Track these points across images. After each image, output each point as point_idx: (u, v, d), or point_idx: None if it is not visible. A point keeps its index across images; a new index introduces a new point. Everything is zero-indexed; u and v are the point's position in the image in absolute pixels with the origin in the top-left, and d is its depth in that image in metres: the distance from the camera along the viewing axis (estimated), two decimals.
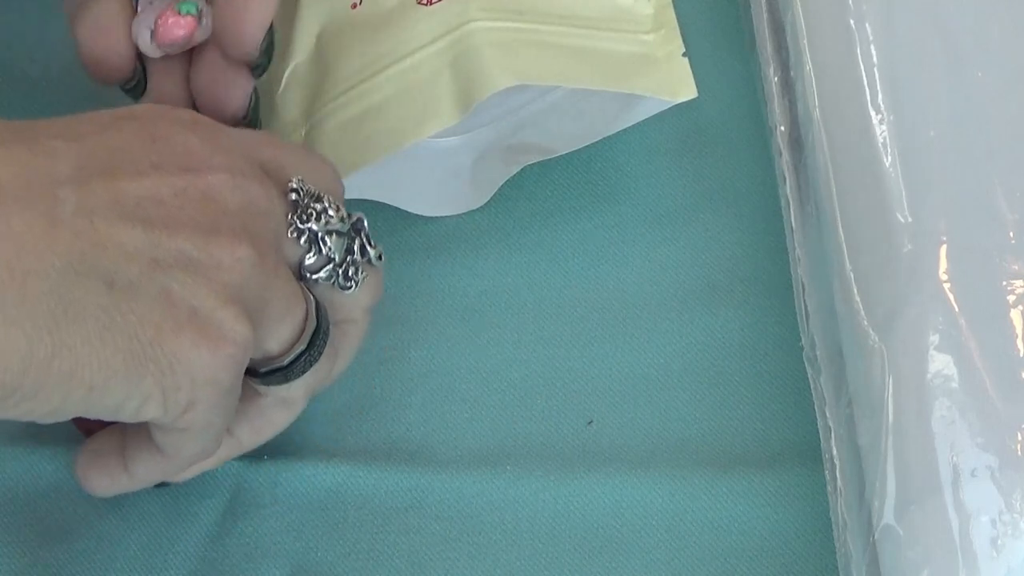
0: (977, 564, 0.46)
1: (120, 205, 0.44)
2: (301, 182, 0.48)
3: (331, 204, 0.49)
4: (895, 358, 0.50)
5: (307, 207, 0.48)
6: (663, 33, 0.59)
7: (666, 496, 0.52)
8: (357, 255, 0.50)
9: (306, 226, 0.48)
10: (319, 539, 0.52)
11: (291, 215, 0.48)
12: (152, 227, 0.44)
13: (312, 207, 0.48)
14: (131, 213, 0.44)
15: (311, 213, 0.48)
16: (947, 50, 0.54)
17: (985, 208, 0.51)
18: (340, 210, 0.49)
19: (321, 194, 0.49)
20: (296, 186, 0.48)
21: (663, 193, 0.59)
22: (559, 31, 0.57)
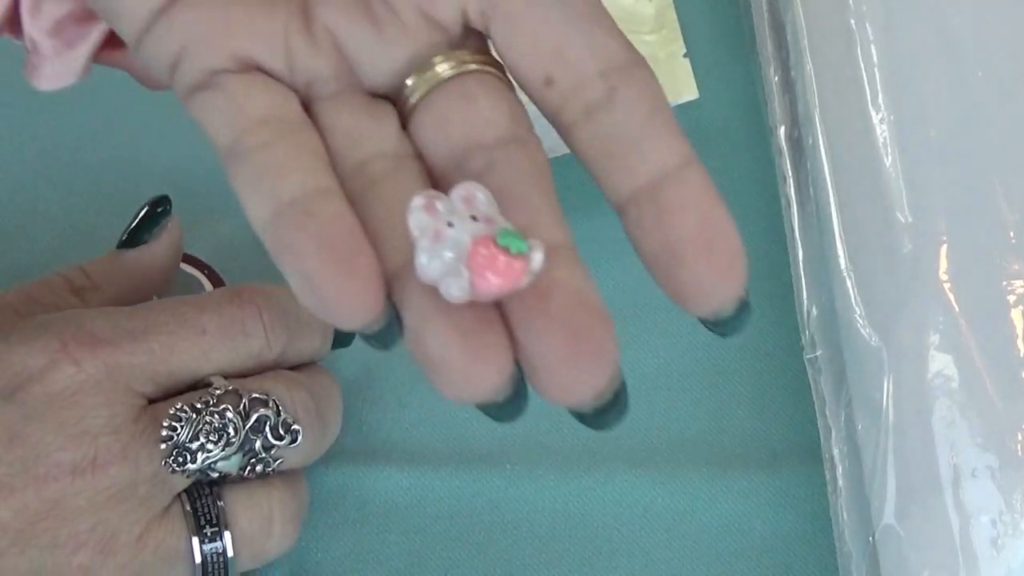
0: (977, 564, 0.46)
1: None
2: (176, 420, 0.46)
3: (211, 435, 0.47)
4: (895, 358, 0.50)
5: (182, 451, 0.46)
6: (664, 34, 0.59)
7: (666, 496, 0.53)
8: (262, 453, 0.48)
9: (183, 468, 0.47)
10: (319, 539, 0.52)
11: (165, 461, 0.46)
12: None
13: (186, 450, 0.46)
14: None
15: (185, 457, 0.47)
16: (947, 50, 0.54)
17: (985, 208, 0.51)
18: (224, 437, 0.47)
19: (201, 427, 0.46)
20: (167, 433, 0.46)
21: None
22: None
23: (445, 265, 0.35)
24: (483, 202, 0.36)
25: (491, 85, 0.40)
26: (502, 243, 0.35)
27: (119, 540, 0.46)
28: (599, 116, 0.38)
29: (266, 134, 0.38)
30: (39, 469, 0.45)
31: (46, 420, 0.45)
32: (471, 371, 0.35)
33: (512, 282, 0.35)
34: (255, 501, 0.48)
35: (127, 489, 0.46)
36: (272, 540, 0.48)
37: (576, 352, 0.35)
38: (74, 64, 0.45)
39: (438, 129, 0.39)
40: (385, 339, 0.37)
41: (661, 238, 0.37)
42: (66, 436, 0.45)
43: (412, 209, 0.36)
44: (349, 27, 0.40)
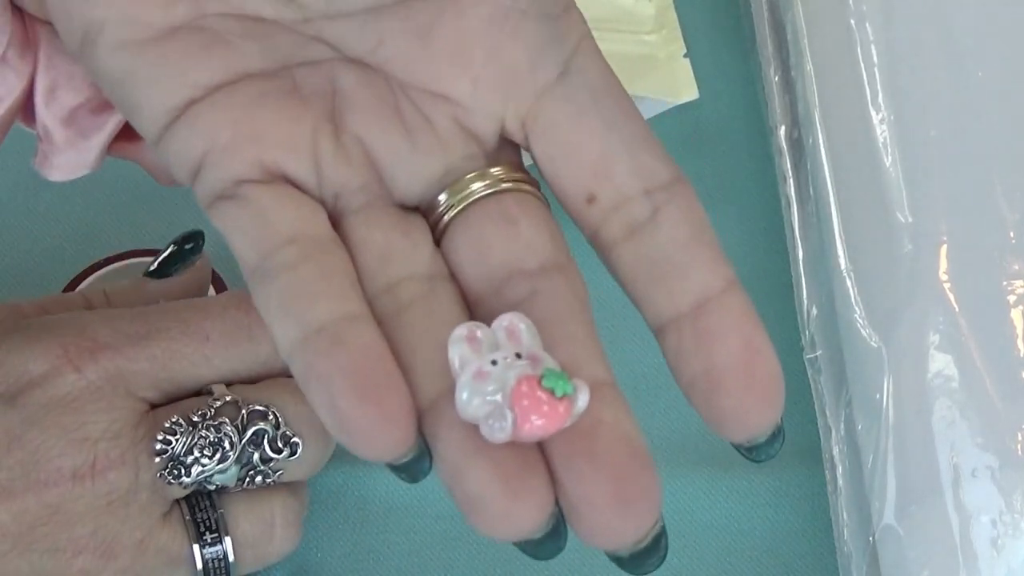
0: (977, 564, 0.46)
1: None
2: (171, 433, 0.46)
3: (206, 450, 0.46)
4: (895, 358, 0.50)
5: (176, 464, 0.46)
6: (664, 34, 0.59)
7: (666, 496, 0.52)
8: (260, 465, 0.47)
9: (178, 480, 0.46)
10: (319, 539, 0.52)
11: (159, 473, 0.46)
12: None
13: (181, 463, 0.46)
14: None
15: (180, 470, 0.46)
16: (947, 50, 0.54)
17: (985, 208, 0.51)
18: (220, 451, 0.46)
19: (196, 441, 0.46)
20: (161, 447, 0.46)
21: None
22: None
23: (488, 405, 0.34)
24: (526, 335, 0.36)
25: (530, 206, 0.38)
26: (547, 385, 0.34)
27: (119, 544, 0.46)
28: (642, 236, 0.37)
29: (294, 254, 0.36)
30: (39, 474, 0.45)
31: (47, 425, 0.45)
32: (512, 512, 0.34)
33: (556, 426, 0.34)
34: (256, 506, 0.48)
35: (127, 495, 0.46)
36: (274, 544, 0.48)
37: (621, 498, 0.34)
38: (87, 155, 0.44)
39: (476, 251, 0.38)
40: (414, 472, 0.36)
41: (703, 364, 0.36)
42: (66, 441, 0.45)
43: (454, 340, 0.35)
44: (381, 136, 0.38)
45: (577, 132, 0.38)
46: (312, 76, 0.39)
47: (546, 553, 0.36)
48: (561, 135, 0.38)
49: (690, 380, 0.37)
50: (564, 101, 0.38)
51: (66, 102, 0.43)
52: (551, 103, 0.38)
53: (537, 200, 0.39)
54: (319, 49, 0.39)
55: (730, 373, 0.36)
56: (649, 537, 0.36)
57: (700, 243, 0.37)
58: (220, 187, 0.38)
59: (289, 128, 0.38)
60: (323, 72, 0.39)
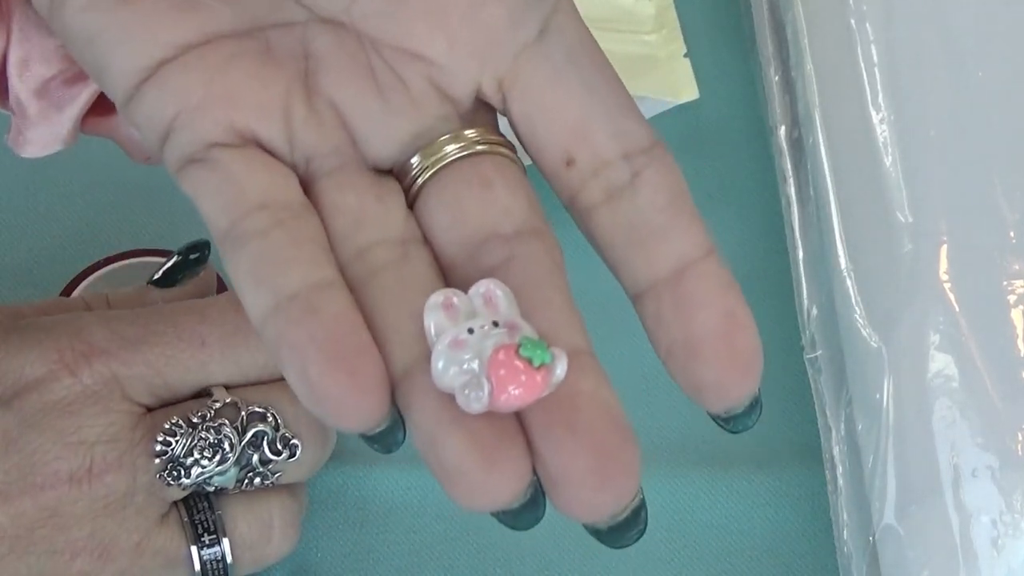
0: (978, 564, 0.46)
1: None
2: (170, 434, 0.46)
3: (206, 451, 0.46)
4: (895, 358, 0.50)
5: (176, 465, 0.46)
6: (664, 33, 0.59)
7: (666, 496, 0.52)
8: (259, 467, 0.47)
9: (178, 481, 0.46)
10: (319, 539, 0.52)
11: (159, 474, 0.46)
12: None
13: (180, 464, 0.46)
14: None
15: (179, 471, 0.46)
16: (947, 50, 0.54)
17: (986, 208, 0.51)
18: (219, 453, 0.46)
19: (196, 442, 0.46)
20: (161, 448, 0.46)
21: None
22: None
23: (464, 374, 0.34)
24: (503, 302, 0.35)
25: (507, 169, 0.38)
26: (525, 354, 0.33)
27: (117, 547, 0.46)
28: (620, 201, 0.37)
29: (265, 220, 0.36)
30: (36, 477, 0.45)
31: (43, 429, 0.45)
32: (488, 482, 0.34)
33: (534, 396, 0.34)
34: (254, 507, 0.48)
35: (124, 497, 0.46)
36: (272, 545, 0.48)
37: (602, 471, 0.34)
38: (60, 129, 0.44)
39: (451, 215, 0.37)
40: (387, 442, 0.35)
41: (681, 332, 0.36)
42: (63, 445, 0.45)
43: (430, 307, 0.35)
44: (353, 97, 0.38)
45: (556, 94, 0.37)
46: (285, 37, 0.38)
47: (524, 523, 0.35)
48: (540, 97, 0.38)
49: (668, 348, 0.36)
50: (543, 62, 0.38)
51: (39, 74, 0.43)
52: (529, 64, 0.38)
53: (513, 164, 0.38)
54: (293, 9, 0.39)
55: (710, 342, 0.36)
56: (628, 510, 0.35)
57: (679, 209, 0.37)
58: (190, 150, 0.37)
59: (261, 91, 0.37)
60: (296, 34, 0.38)
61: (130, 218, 0.59)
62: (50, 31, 0.40)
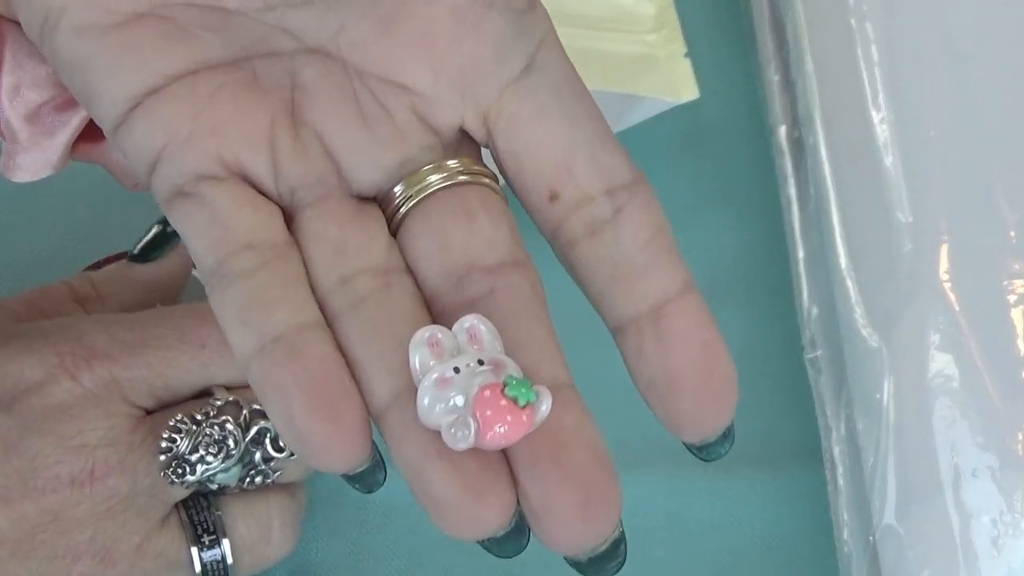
0: (978, 564, 0.46)
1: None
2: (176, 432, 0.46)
3: (211, 447, 0.46)
4: (895, 358, 0.50)
5: (181, 463, 0.46)
6: (665, 33, 0.59)
7: (666, 496, 0.52)
8: (262, 465, 0.47)
9: (182, 479, 0.46)
10: (319, 539, 0.52)
11: (164, 472, 0.46)
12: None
13: (185, 461, 0.46)
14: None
15: (184, 468, 0.46)
16: (947, 50, 0.54)
17: (986, 208, 0.51)
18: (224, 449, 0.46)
19: (201, 439, 0.46)
20: (166, 445, 0.46)
21: (663, 193, 0.59)
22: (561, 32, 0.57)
23: (450, 413, 0.34)
24: (487, 337, 0.35)
25: (490, 200, 0.38)
26: (510, 394, 0.34)
27: (118, 550, 0.46)
28: (603, 236, 0.37)
29: (251, 260, 0.36)
30: (37, 481, 0.45)
31: (44, 433, 0.45)
32: (475, 513, 0.34)
33: (519, 434, 0.34)
34: (253, 508, 0.48)
35: (125, 500, 0.46)
36: (272, 546, 0.48)
37: (585, 507, 0.34)
38: (51, 154, 0.44)
39: (434, 245, 0.37)
40: (369, 483, 0.36)
41: (661, 366, 0.36)
42: (64, 448, 0.45)
43: (415, 344, 0.35)
44: (338, 126, 0.38)
45: (540, 129, 0.38)
46: (272, 68, 0.39)
47: (508, 551, 0.36)
48: (524, 132, 0.38)
49: (649, 381, 0.37)
50: (528, 97, 0.38)
51: (30, 100, 0.43)
52: (514, 99, 0.38)
53: (496, 195, 0.39)
54: (281, 39, 0.39)
55: (689, 375, 0.36)
56: (608, 542, 0.36)
57: (660, 245, 0.37)
58: (179, 181, 0.37)
59: (248, 122, 0.38)
60: (283, 64, 0.39)
61: (130, 218, 0.58)
62: (42, 57, 0.40)
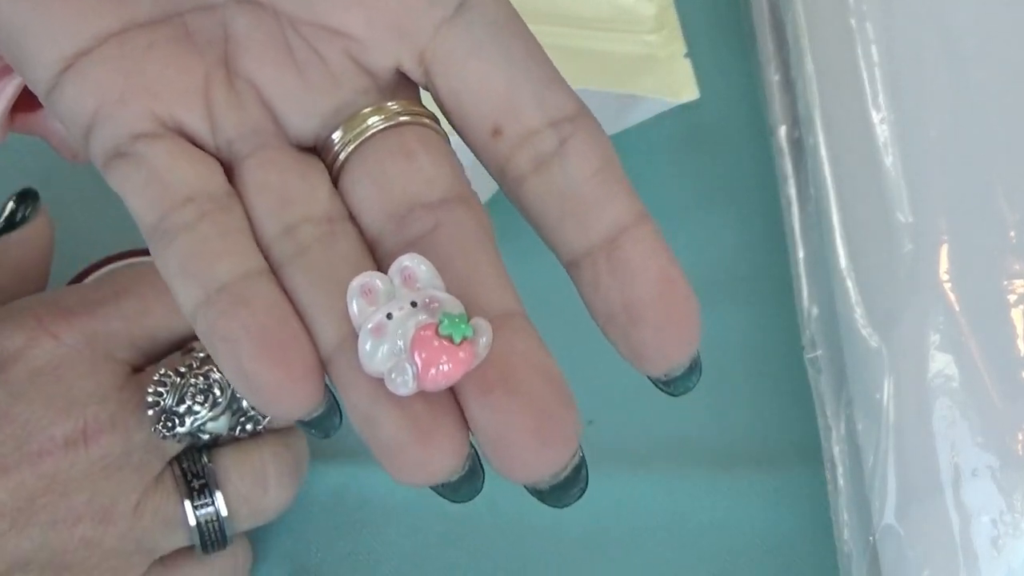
0: (978, 564, 0.46)
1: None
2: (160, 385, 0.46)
3: (197, 397, 0.46)
4: (895, 358, 0.50)
5: (170, 416, 0.46)
6: (665, 33, 0.59)
7: (666, 496, 0.52)
8: (251, 411, 0.47)
9: (173, 432, 0.46)
10: (319, 539, 0.52)
11: (154, 427, 0.46)
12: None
13: (174, 413, 0.46)
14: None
15: (173, 421, 0.46)
16: (947, 50, 0.54)
17: (986, 208, 0.51)
18: (211, 398, 0.46)
19: (187, 390, 0.46)
20: (152, 399, 0.46)
21: (663, 193, 0.59)
22: (561, 32, 0.57)
23: (389, 360, 0.34)
24: (424, 277, 0.35)
25: (429, 139, 0.38)
26: (445, 332, 0.33)
27: (117, 510, 0.46)
28: (550, 170, 0.37)
29: (191, 213, 0.36)
30: (32, 446, 0.45)
31: (32, 397, 0.45)
32: (425, 456, 0.34)
33: (459, 372, 0.34)
34: (246, 458, 0.47)
35: (120, 458, 0.46)
36: (269, 496, 0.48)
37: (541, 432, 0.34)
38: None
39: (375, 187, 0.37)
40: (325, 427, 0.36)
41: (619, 298, 0.36)
42: (55, 410, 0.45)
43: (350, 294, 0.35)
44: (273, 76, 0.38)
45: (478, 66, 0.37)
46: (203, 21, 0.38)
47: (463, 496, 0.36)
48: (462, 70, 0.37)
49: (608, 314, 0.36)
50: (463, 35, 0.38)
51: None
52: (450, 38, 0.38)
53: (437, 134, 0.38)
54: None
55: (649, 305, 0.35)
56: (569, 468, 0.35)
57: (609, 175, 0.36)
58: (114, 143, 0.37)
59: (181, 78, 0.37)
60: (215, 17, 0.38)
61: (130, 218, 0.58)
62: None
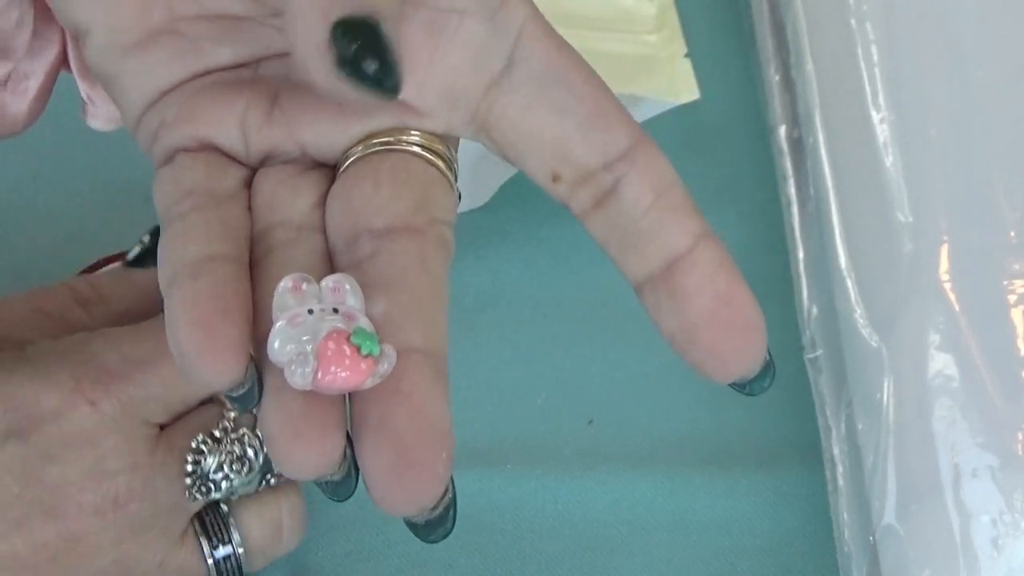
0: (978, 564, 0.46)
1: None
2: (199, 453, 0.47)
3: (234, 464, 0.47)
4: (895, 358, 0.50)
5: (205, 482, 0.47)
6: (665, 34, 0.59)
7: (666, 495, 0.52)
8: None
9: (207, 497, 0.47)
10: (319, 539, 0.52)
11: (189, 492, 0.47)
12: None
13: (211, 480, 0.47)
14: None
15: (209, 487, 0.47)
16: (947, 50, 0.54)
17: (986, 207, 0.51)
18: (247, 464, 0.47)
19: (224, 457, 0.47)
20: (192, 468, 0.47)
21: None
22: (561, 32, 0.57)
23: (294, 351, 0.35)
24: (349, 295, 0.36)
25: (405, 168, 0.39)
26: (355, 341, 0.35)
27: (141, 568, 0.46)
28: (607, 207, 0.39)
29: (187, 204, 0.38)
30: (59, 509, 0.45)
31: (65, 461, 0.45)
32: (293, 452, 0.35)
33: (355, 382, 0.35)
34: (265, 510, 0.48)
35: (148, 520, 0.46)
36: (282, 544, 0.49)
37: (400, 468, 0.35)
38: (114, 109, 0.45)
39: (339, 206, 0.39)
40: (245, 402, 0.37)
41: (677, 321, 0.38)
42: (86, 477, 0.45)
43: (279, 290, 0.36)
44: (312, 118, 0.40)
45: (530, 122, 0.39)
46: (277, 65, 0.40)
47: (338, 496, 0.37)
48: (514, 127, 0.39)
49: (669, 335, 0.38)
50: (512, 94, 0.39)
51: None
52: (500, 98, 0.39)
53: (424, 163, 0.39)
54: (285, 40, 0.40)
55: (704, 327, 0.37)
56: (441, 507, 0.36)
57: (664, 205, 0.38)
58: (162, 155, 0.40)
59: (224, 105, 0.40)
60: (285, 61, 0.40)
61: (130, 218, 0.59)
62: None
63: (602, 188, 0.38)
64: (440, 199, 0.39)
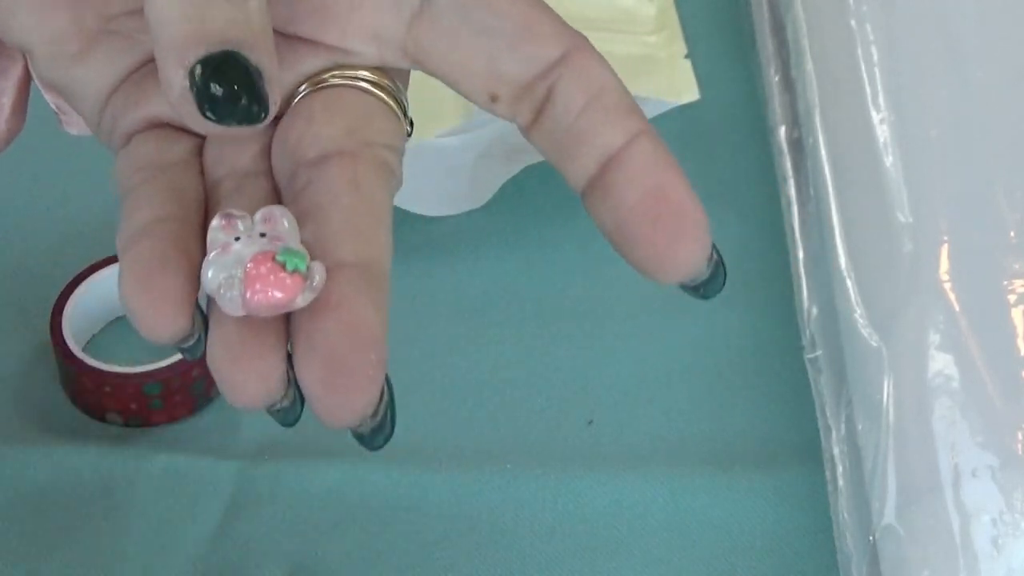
0: (978, 564, 0.46)
1: None
2: None
3: None
4: (895, 358, 0.50)
5: None
6: (665, 34, 0.59)
7: (666, 495, 0.53)
8: None
9: None
10: (319, 539, 0.53)
11: None
12: None
13: None
14: None
15: None
16: (947, 50, 0.54)
17: (986, 207, 0.51)
18: None
19: None
20: None
21: None
22: None
23: (224, 278, 0.36)
24: (284, 225, 0.37)
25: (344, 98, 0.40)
26: (280, 259, 0.35)
27: None
28: (543, 116, 0.39)
29: (138, 178, 0.39)
30: None
31: None
32: (234, 378, 0.36)
33: (284, 299, 0.35)
34: None
35: None
36: None
37: (331, 380, 0.35)
38: None
39: (278, 145, 0.40)
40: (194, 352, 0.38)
41: (612, 219, 0.37)
42: None
43: (211, 227, 0.37)
44: None
45: (457, 49, 0.39)
46: None
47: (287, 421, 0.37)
48: (442, 55, 0.39)
49: (608, 236, 0.37)
50: (434, 24, 0.39)
51: None
52: (423, 31, 0.40)
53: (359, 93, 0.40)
54: None
55: (636, 221, 0.37)
56: (379, 413, 0.36)
57: (598, 106, 0.38)
58: (119, 144, 0.41)
59: None
60: None
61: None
62: None
63: (539, 99, 0.38)
64: (379, 124, 0.40)
